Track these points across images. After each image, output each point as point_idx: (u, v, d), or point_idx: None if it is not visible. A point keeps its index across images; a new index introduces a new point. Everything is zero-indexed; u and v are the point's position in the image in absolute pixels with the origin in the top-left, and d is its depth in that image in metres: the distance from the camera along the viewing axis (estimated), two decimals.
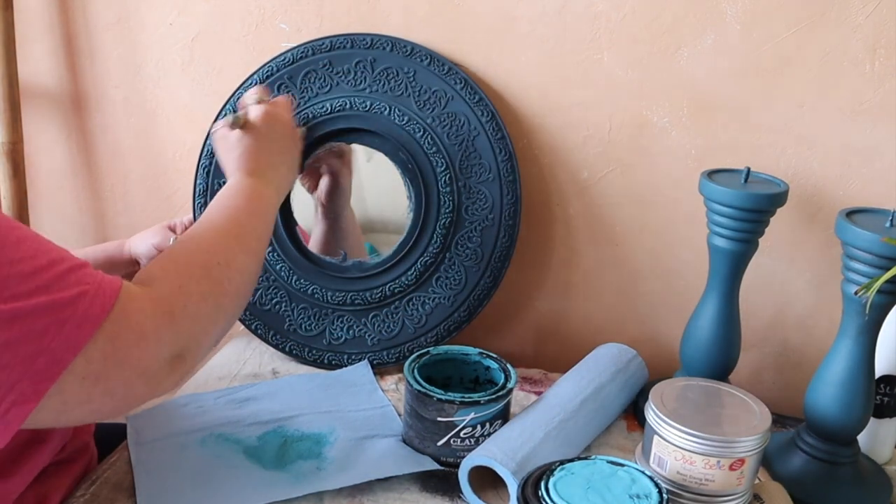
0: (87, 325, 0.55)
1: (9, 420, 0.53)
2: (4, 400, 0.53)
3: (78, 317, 0.54)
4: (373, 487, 0.76)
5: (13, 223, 0.56)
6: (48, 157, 1.17)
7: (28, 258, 0.54)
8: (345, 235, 1.02)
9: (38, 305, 0.53)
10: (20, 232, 0.56)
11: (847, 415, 0.77)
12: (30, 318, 0.52)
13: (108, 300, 0.56)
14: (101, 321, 0.55)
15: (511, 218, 0.96)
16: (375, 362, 0.98)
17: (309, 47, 0.97)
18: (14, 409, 0.53)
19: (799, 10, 0.87)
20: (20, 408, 0.53)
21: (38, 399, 0.54)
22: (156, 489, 0.75)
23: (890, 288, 0.72)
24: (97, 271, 0.58)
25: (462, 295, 0.96)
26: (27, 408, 0.54)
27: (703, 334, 0.87)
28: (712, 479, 0.71)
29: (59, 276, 0.55)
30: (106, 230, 1.19)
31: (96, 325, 0.55)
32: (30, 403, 0.54)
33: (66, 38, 1.11)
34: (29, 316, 0.52)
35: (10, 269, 0.53)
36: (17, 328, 0.52)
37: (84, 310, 0.55)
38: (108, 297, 0.56)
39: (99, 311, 0.55)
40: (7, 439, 0.55)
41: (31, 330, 0.52)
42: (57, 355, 0.53)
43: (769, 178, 0.85)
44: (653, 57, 0.92)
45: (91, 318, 0.55)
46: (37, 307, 0.53)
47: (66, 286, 0.55)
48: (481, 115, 0.95)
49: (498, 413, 0.79)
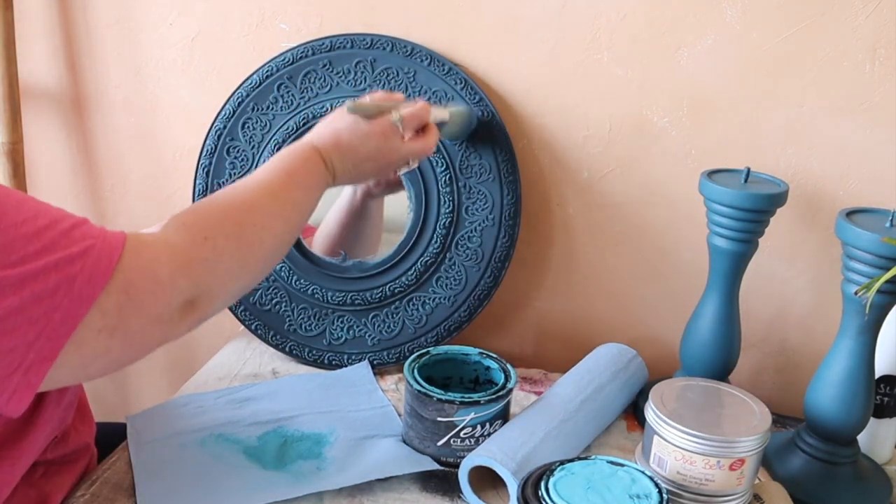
0: (98, 277, 0.55)
1: (29, 379, 0.54)
2: (25, 360, 0.54)
3: (87, 270, 0.55)
4: (373, 487, 0.76)
5: (8, 189, 0.57)
6: (48, 157, 1.17)
7: (30, 219, 0.54)
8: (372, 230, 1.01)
9: (48, 265, 0.54)
10: (18, 195, 0.56)
11: (847, 415, 0.77)
12: (40, 277, 0.53)
13: (115, 252, 0.57)
14: (111, 272, 0.56)
15: (511, 218, 0.96)
16: (375, 362, 0.98)
17: (309, 47, 0.97)
18: (34, 367, 0.54)
19: (799, 10, 0.87)
20: (39, 366, 0.54)
21: (55, 356, 0.54)
22: (156, 489, 0.75)
23: (890, 288, 0.72)
24: (100, 226, 0.59)
25: (462, 295, 0.96)
26: (45, 366, 0.54)
27: (703, 334, 0.87)
28: (712, 479, 0.71)
29: (63, 233, 0.55)
30: None
31: (107, 276, 0.56)
32: (48, 361, 0.54)
33: (66, 38, 1.11)
34: (39, 276, 0.53)
35: (14, 232, 0.53)
36: (28, 289, 0.53)
37: (93, 263, 0.55)
38: (115, 249, 0.57)
39: (107, 264, 0.56)
40: (29, 400, 0.55)
41: (44, 289, 0.53)
42: (71, 311, 0.54)
43: (769, 178, 0.85)
44: (653, 57, 0.92)
45: (101, 271, 0.56)
46: (46, 266, 0.53)
47: (71, 242, 0.55)
48: (482, 115, 0.95)
49: (498, 413, 0.79)
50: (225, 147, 0.98)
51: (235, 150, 0.98)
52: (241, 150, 0.98)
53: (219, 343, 1.07)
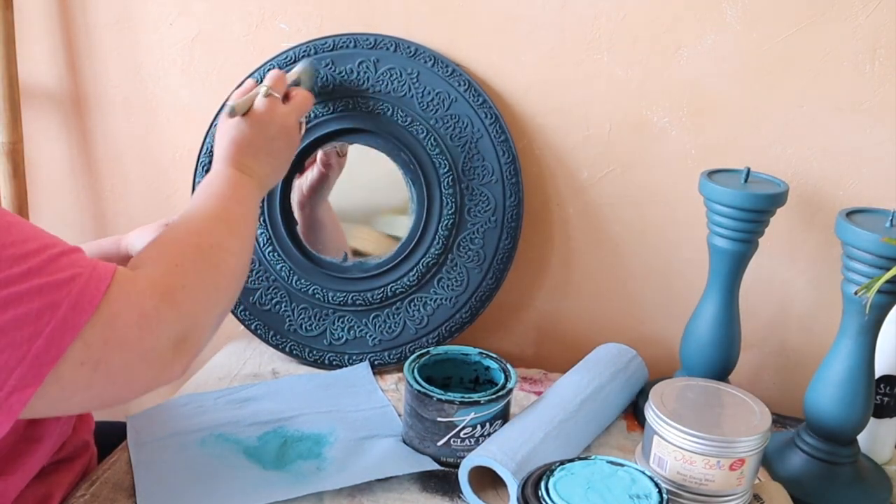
0: (84, 307, 0.54)
1: (10, 406, 0.53)
2: (5, 385, 0.52)
3: (73, 299, 0.54)
4: (373, 487, 0.76)
5: (3, 210, 0.56)
6: (48, 157, 1.17)
7: (19, 242, 0.53)
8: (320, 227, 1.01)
9: (32, 288, 0.52)
10: (9, 217, 0.55)
11: (847, 415, 0.77)
12: (24, 301, 0.52)
13: (102, 282, 0.56)
14: (98, 303, 0.55)
15: (513, 220, 0.96)
16: (376, 363, 0.98)
17: (311, 46, 0.97)
18: (14, 394, 0.53)
19: (799, 10, 0.87)
20: (20, 393, 0.53)
21: (37, 384, 0.53)
22: (156, 489, 0.75)
23: (890, 288, 0.72)
24: (91, 257, 0.58)
25: (464, 296, 0.96)
26: (27, 393, 0.53)
27: (703, 334, 0.87)
28: (712, 479, 0.71)
29: (52, 259, 0.54)
30: (106, 230, 1.19)
31: (93, 306, 0.54)
32: (29, 388, 0.53)
33: (65, 38, 1.11)
34: (23, 299, 0.52)
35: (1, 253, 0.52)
36: (11, 312, 0.51)
37: (79, 292, 0.54)
38: (102, 280, 0.56)
39: (94, 294, 0.55)
40: (7, 427, 0.54)
41: (27, 313, 0.52)
42: (55, 339, 0.53)
43: (769, 178, 0.85)
44: (653, 57, 0.92)
45: (87, 301, 0.54)
46: (30, 290, 0.52)
47: (59, 269, 0.54)
48: (485, 117, 0.95)
49: (498, 413, 0.79)
50: None
51: None
52: None
53: (219, 343, 1.07)
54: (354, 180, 1.03)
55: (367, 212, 1.04)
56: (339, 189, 1.01)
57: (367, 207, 1.04)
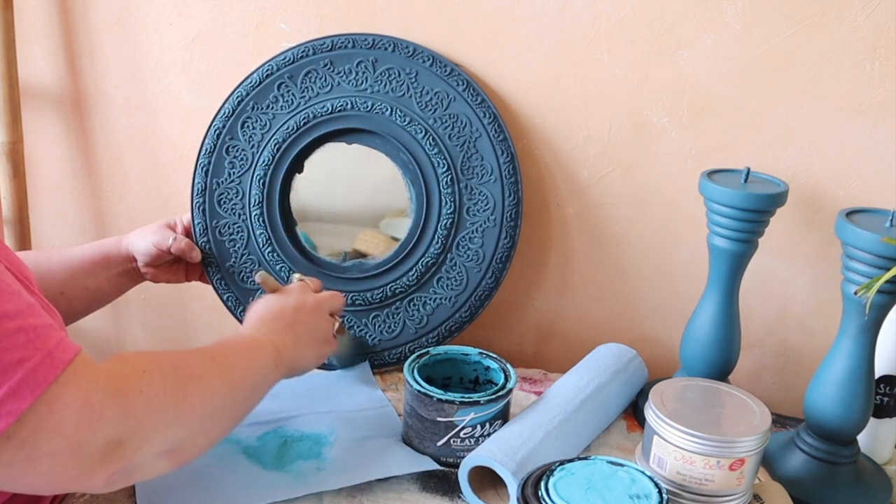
0: (24, 393, 0.51)
1: None
2: None
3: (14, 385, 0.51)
4: (373, 487, 0.76)
5: None
6: (48, 157, 1.17)
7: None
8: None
9: None
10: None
11: (847, 415, 0.77)
12: None
13: (52, 371, 0.53)
14: (42, 391, 0.52)
15: (513, 219, 0.96)
16: (376, 363, 0.98)
17: (310, 46, 0.97)
18: None
19: (799, 10, 0.87)
20: None
21: None
22: (156, 489, 0.75)
23: (890, 288, 0.72)
24: (58, 334, 0.55)
25: (463, 296, 0.96)
26: None
27: (703, 334, 0.87)
28: (712, 479, 0.71)
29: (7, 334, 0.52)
30: (106, 230, 1.19)
31: (34, 395, 0.52)
32: None
33: (66, 39, 1.11)
34: None
35: None
36: None
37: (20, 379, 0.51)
38: (54, 368, 0.53)
39: (39, 382, 0.52)
40: None
41: None
42: None
43: (769, 178, 0.85)
44: (653, 57, 0.92)
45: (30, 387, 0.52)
46: None
47: (9, 347, 0.52)
48: (483, 116, 0.95)
49: (498, 413, 0.79)
50: (224, 146, 0.98)
51: (235, 150, 0.98)
52: (240, 150, 0.98)
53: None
54: (359, 182, 1.04)
55: (373, 214, 1.04)
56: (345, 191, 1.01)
57: (374, 210, 1.04)
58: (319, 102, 0.96)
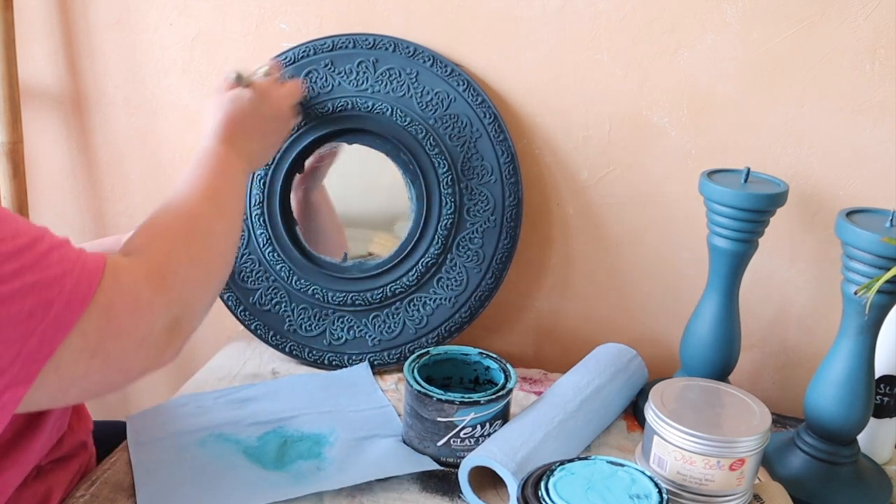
0: (76, 303, 0.54)
1: (3, 405, 0.53)
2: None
3: (65, 296, 0.53)
4: (373, 487, 0.76)
5: None
6: (48, 157, 1.17)
7: (8, 238, 0.52)
8: (314, 212, 1.02)
9: (24, 286, 0.52)
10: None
11: (847, 415, 0.77)
12: (16, 300, 0.51)
13: (94, 277, 0.56)
14: (91, 297, 0.55)
15: (513, 220, 0.96)
16: (376, 363, 0.98)
17: (310, 46, 0.97)
18: (8, 392, 0.52)
19: (799, 10, 0.87)
20: (14, 391, 0.53)
21: (31, 381, 0.53)
22: (156, 489, 0.75)
23: (890, 288, 0.72)
24: (79, 248, 0.57)
25: (463, 296, 0.96)
26: (20, 391, 0.53)
27: (703, 334, 0.87)
28: (712, 479, 0.71)
29: (43, 254, 0.54)
30: (106, 230, 1.19)
31: (85, 303, 0.54)
32: (23, 386, 0.53)
33: (66, 39, 1.11)
34: (15, 297, 0.51)
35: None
36: (4, 311, 0.51)
37: (71, 288, 0.54)
38: (94, 274, 0.56)
39: (87, 290, 0.55)
40: (3, 425, 0.54)
41: (19, 312, 0.51)
42: (47, 336, 0.53)
43: (769, 178, 0.85)
44: (653, 57, 0.92)
45: (79, 296, 0.54)
46: (22, 288, 0.52)
47: (49, 265, 0.54)
48: (484, 116, 0.95)
49: (498, 413, 0.79)
50: None
51: None
52: None
53: (219, 343, 1.07)
54: (372, 186, 1.03)
55: (388, 217, 1.03)
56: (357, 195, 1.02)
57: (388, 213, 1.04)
58: (320, 102, 0.96)
